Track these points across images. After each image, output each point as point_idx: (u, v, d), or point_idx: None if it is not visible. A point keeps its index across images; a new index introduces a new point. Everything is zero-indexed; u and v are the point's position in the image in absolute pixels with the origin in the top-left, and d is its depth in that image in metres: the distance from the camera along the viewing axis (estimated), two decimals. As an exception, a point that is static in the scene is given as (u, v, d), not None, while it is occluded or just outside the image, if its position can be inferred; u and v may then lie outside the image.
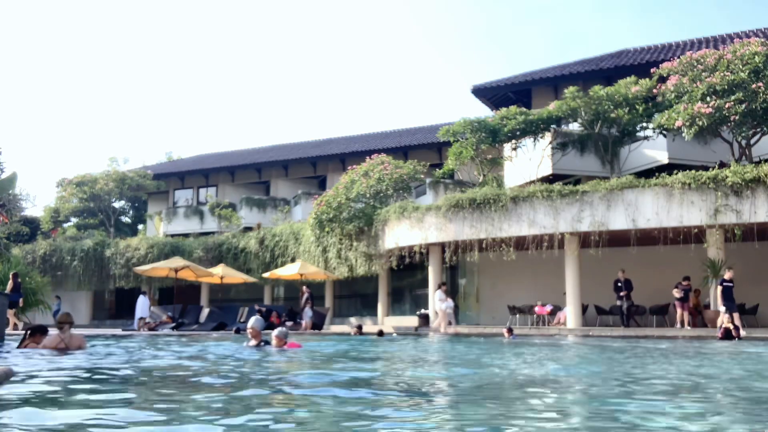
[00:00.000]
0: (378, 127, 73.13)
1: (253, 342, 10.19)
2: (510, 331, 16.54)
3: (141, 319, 23.97)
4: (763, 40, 19.52)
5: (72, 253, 31.93)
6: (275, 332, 10.34)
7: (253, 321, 10.34)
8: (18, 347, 9.18)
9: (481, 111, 57.11)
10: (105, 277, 31.64)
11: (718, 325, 16.16)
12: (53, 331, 9.45)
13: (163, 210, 37.30)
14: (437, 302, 21.00)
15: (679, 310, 18.74)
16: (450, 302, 21.04)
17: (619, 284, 19.79)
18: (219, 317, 23.34)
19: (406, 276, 26.14)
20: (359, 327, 18.83)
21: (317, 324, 23.56)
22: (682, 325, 18.46)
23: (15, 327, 18.80)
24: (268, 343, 10.34)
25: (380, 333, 17.71)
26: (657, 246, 19.41)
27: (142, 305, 24.69)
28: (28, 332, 9.40)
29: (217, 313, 24.42)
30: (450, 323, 20.64)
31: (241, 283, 27.61)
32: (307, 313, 23.63)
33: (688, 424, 3.72)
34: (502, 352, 10.80)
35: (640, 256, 20.02)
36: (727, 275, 16.67)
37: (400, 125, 62.38)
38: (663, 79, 20.89)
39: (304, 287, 23.71)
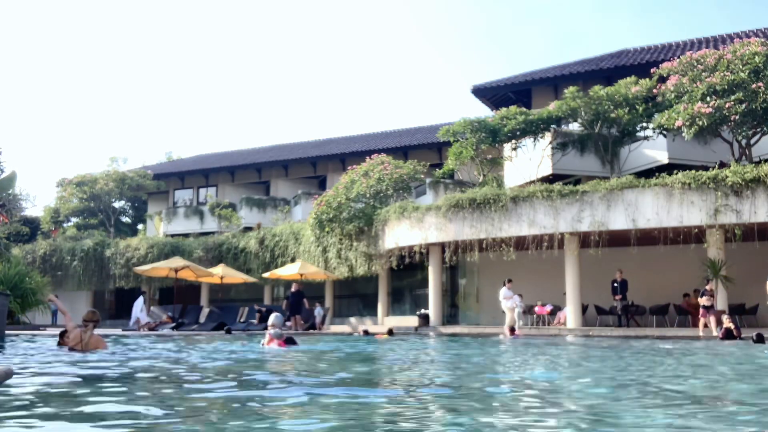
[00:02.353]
0: (378, 127, 73.18)
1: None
2: (512, 330, 16.48)
3: (137, 320, 23.93)
4: (763, 40, 19.52)
5: (72, 253, 31.94)
6: (272, 332, 10.75)
7: (274, 318, 10.89)
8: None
9: (481, 111, 57.14)
10: (105, 277, 31.65)
11: None
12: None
13: (163, 210, 37.31)
14: (502, 301, 19.37)
15: (703, 318, 17.10)
16: (517, 298, 19.51)
17: (615, 285, 19.77)
18: (219, 317, 23.33)
19: (406, 276, 26.13)
20: (365, 331, 18.57)
21: (316, 323, 23.56)
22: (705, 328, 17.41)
23: None
24: (293, 341, 10.79)
25: (390, 332, 17.66)
26: (657, 246, 19.40)
27: (138, 306, 24.69)
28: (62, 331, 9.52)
29: (217, 313, 24.41)
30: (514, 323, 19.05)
31: (241, 283, 27.61)
32: (319, 311, 23.67)
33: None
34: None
35: (640, 256, 20.01)
36: None
37: (400, 125, 62.41)
38: (663, 79, 20.89)
39: (294, 284, 23.30)
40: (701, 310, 17.39)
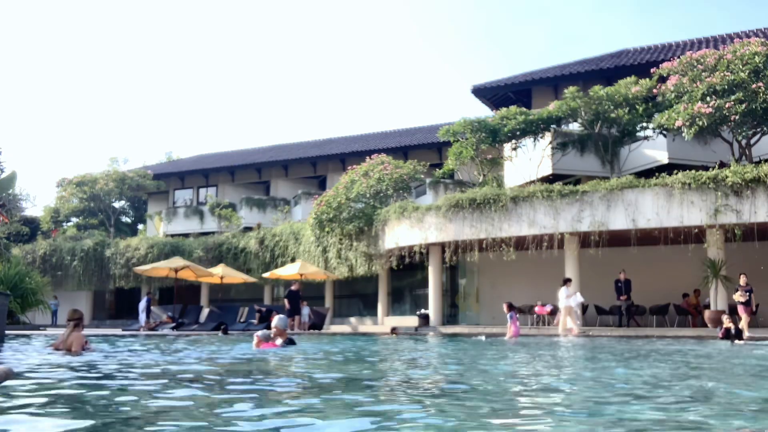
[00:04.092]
0: (378, 127, 73.18)
1: (279, 341, 10.57)
2: (511, 307, 16.34)
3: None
4: (763, 40, 19.50)
5: (72, 253, 31.94)
6: (260, 333, 10.78)
7: (277, 320, 10.81)
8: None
9: (481, 111, 57.14)
10: (105, 277, 31.67)
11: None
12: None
13: (163, 210, 37.31)
14: (562, 300, 18.46)
15: (744, 315, 16.12)
16: (580, 297, 18.51)
17: (620, 285, 19.77)
18: (219, 317, 23.33)
19: (406, 276, 26.14)
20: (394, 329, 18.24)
21: (317, 324, 23.51)
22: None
23: None
24: (293, 342, 10.80)
25: (393, 330, 17.64)
26: (657, 246, 19.41)
27: (141, 307, 24.64)
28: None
29: (217, 313, 24.43)
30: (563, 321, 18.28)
31: (241, 283, 27.61)
32: (306, 311, 23.44)
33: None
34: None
35: (640, 256, 20.01)
36: None
37: (400, 125, 62.42)
38: (663, 79, 20.88)
39: (295, 283, 23.14)
40: (739, 307, 16.32)
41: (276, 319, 10.90)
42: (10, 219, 30.13)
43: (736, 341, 13.00)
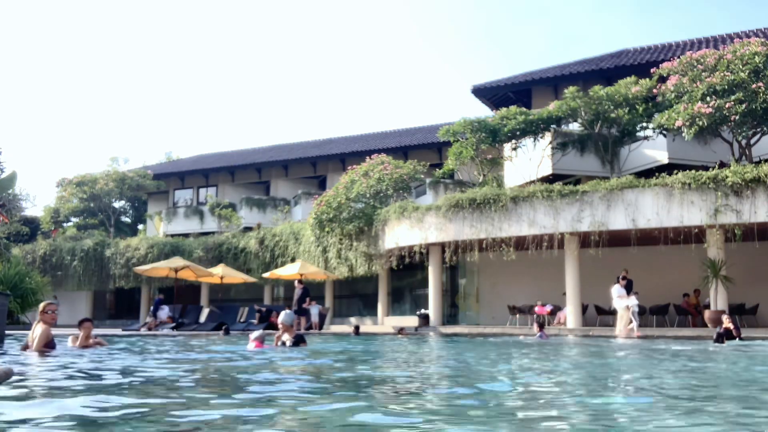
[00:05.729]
0: (378, 127, 73.18)
1: (286, 337, 10.42)
2: (541, 326, 15.69)
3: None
4: (763, 40, 19.49)
5: (72, 253, 31.94)
6: (253, 335, 10.60)
7: (283, 316, 10.57)
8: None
9: (481, 111, 57.15)
10: (105, 277, 31.67)
11: None
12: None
13: (163, 210, 37.32)
14: (615, 299, 17.43)
15: None
16: (634, 299, 17.32)
17: (622, 285, 19.71)
18: (219, 317, 23.32)
19: (406, 276, 26.14)
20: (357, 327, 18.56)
21: (316, 323, 23.50)
22: None
23: None
24: (303, 339, 10.62)
25: (400, 330, 17.62)
26: (657, 246, 19.40)
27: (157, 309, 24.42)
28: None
29: (217, 313, 24.41)
30: (632, 323, 17.09)
31: (241, 283, 27.61)
32: (313, 310, 23.47)
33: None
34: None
35: (640, 256, 20.01)
36: None
37: (400, 125, 62.42)
38: (663, 79, 20.87)
39: (297, 282, 23.03)
40: None
41: (282, 315, 10.55)
42: (10, 219, 30.13)
43: (716, 343, 12.98)
